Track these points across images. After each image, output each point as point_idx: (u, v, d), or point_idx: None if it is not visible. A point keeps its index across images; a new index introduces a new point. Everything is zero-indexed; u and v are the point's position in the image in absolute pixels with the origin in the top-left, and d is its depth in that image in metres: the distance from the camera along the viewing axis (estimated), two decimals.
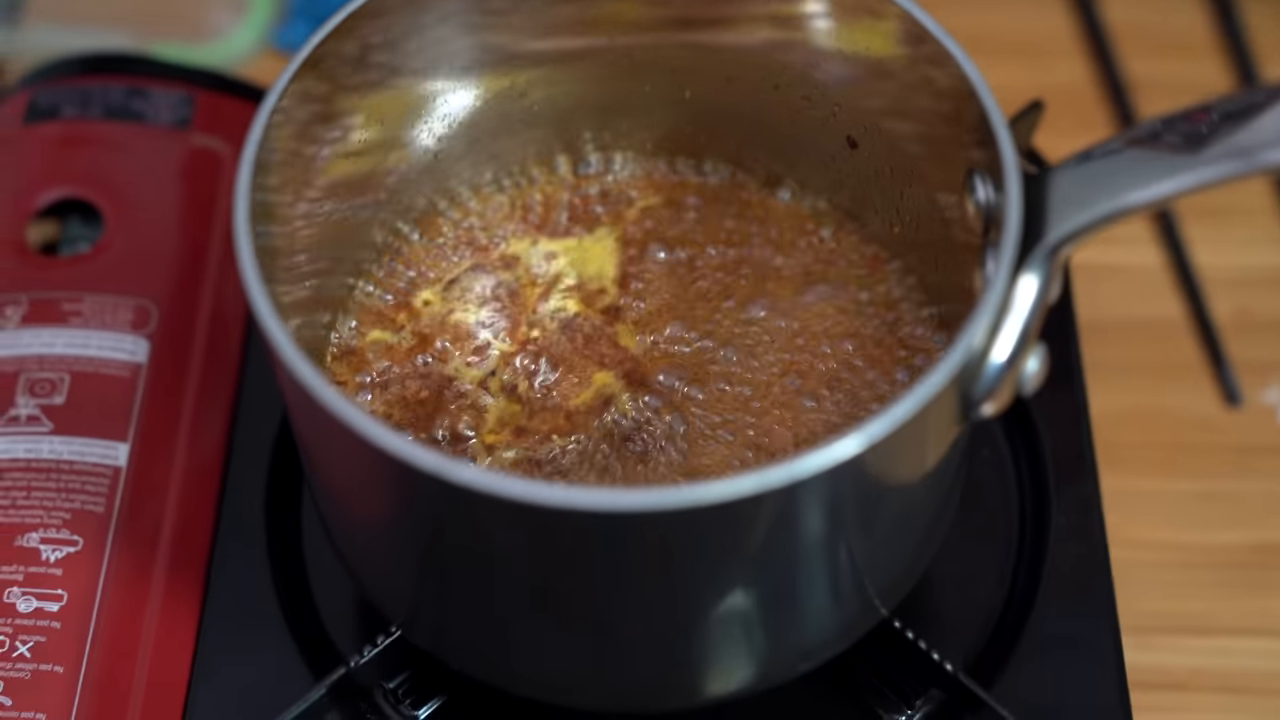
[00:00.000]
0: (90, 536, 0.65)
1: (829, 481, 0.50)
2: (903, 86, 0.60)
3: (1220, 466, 0.75)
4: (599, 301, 0.65)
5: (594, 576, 0.54)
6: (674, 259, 0.66)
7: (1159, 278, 0.80)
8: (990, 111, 0.55)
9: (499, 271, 0.66)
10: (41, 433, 0.67)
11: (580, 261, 0.66)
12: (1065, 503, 0.68)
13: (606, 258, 0.66)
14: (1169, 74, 0.87)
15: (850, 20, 0.60)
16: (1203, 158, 0.51)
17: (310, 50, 0.58)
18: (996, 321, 0.53)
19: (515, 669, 0.59)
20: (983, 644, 0.65)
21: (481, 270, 0.66)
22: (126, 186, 0.74)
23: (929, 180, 0.61)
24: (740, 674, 0.58)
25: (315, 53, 0.58)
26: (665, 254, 0.66)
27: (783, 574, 0.54)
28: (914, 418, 0.50)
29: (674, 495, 0.48)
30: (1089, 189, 0.53)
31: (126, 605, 0.64)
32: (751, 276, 0.65)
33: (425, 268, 0.66)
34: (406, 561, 0.58)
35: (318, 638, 0.65)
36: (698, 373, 0.63)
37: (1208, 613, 0.71)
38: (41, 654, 0.62)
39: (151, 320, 0.71)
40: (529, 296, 0.65)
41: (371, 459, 0.50)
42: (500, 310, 0.65)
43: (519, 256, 0.66)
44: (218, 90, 0.78)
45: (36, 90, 0.77)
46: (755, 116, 0.66)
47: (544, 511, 0.49)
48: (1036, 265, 0.53)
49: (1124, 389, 0.76)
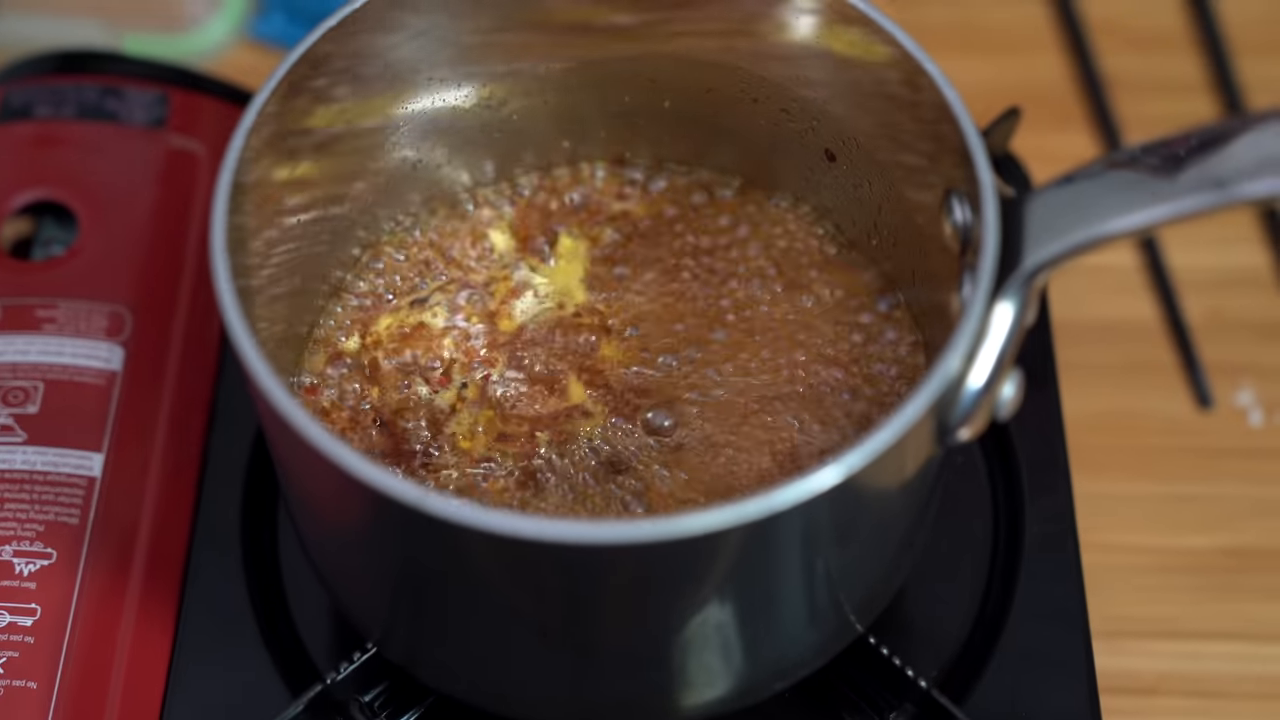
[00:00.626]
0: (64, 549, 0.65)
1: (807, 511, 0.50)
2: (881, 103, 0.60)
3: (1192, 470, 0.75)
4: (575, 314, 0.65)
5: (569, 603, 0.54)
6: (652, 271, 0.66)
7: (1132, 278, 0.80)
8: (968, 136, 0.55)
9: (475, 283, 0.66)
10: (14, 443, 0.67)
11: (557, 273, 0.66)
12: (1039, 513, 0.68)
13: (583, 269, 0.66)
14: (1146, 69, 0.87)
15: (829, 35, 0.60)
16: (1180, 187, 0.51)
17: (288, 67, 0.57)
18: (973, 348, 0.53)
19: (490, 688, 0.59)
20: (956, 656, 0.65)
21: (458, 281, 0.66)
22: (101, 188, 0.74)
23: (907, 197, 0.61)
24: (715, 693, 0.58)
25: (293, 68, 0.57)
26: (643, 266, 0.66)
27: (759, 598, 0.54)
28: (892, 446, 0.50)
29: (650, 528, 0.48)
30: (1067, 216, 0.53)
31: (101, 620, 0.64)
32: (730, 289, 0.65)
33: (401, 278, 0.66)
34: (382, 583, 0.58)
35: (294, 651, 0.65)
36: (674, 387, 0.63)
37: (1178, 616, 0.71)
38: (14, 670, 0.62)
39: (126, 327, 0.70)
40: (505, 308, 0.65)
41: (347, 487, 0.50)
42: (475, 321, 0.65)
43: (496, 267, 0.66)
44: (193, 89, 0.77)
45: (9, 89, 0.76)
46: (735, 128, 0.66)
47: (519, 543, 0.49)
48: (1013, 292, 0.53)
49: (1096, 391, 0.76)
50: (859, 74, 0.60)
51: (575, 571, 0.51)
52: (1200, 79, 0.87)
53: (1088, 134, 0.85)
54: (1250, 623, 0.71)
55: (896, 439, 0.50)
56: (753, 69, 0.63)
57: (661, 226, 0.67)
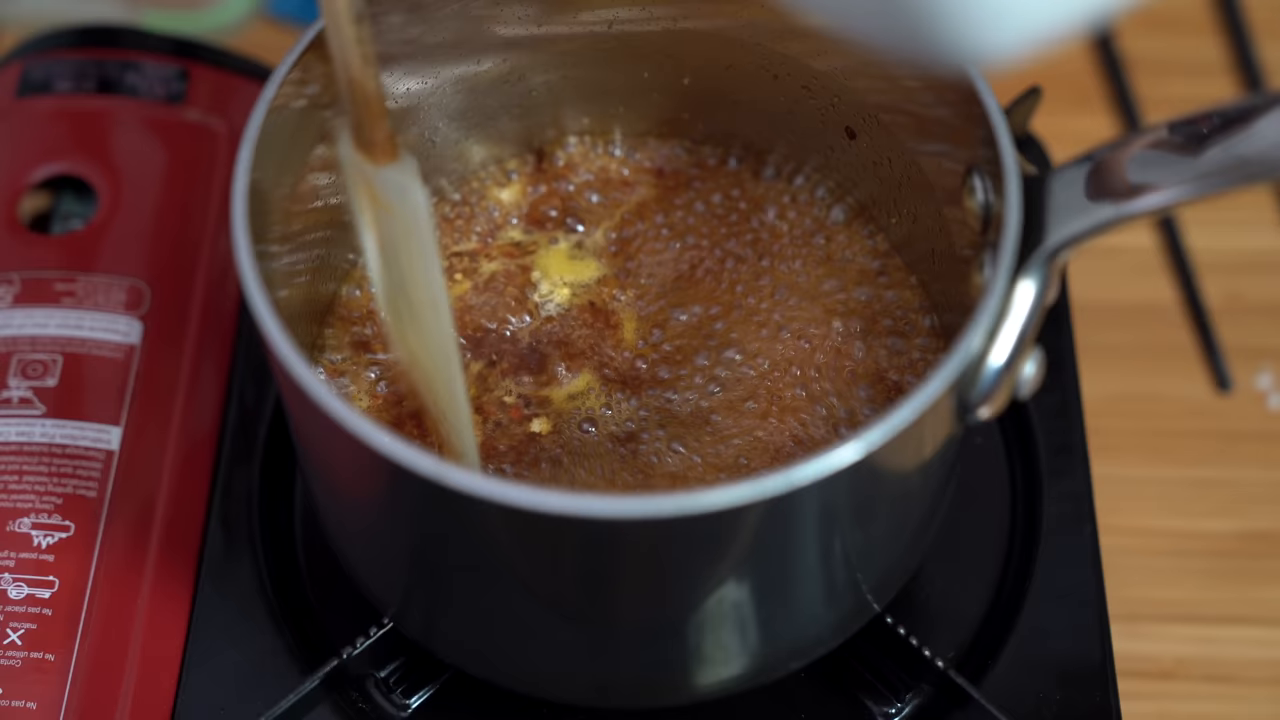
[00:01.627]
0: (82, 522, 0.65)
1: (826, 488, 0.50)
2: (903, 80, 0.60)
3: (1210, 453, 0.75)
4: (593, 291, 0.65)
5: (587, 577, 0.54)
6: (670, 247, 0.66)
7: (1151, 260, 0.80)
8: (991, 112, 0.55)
9: (497, 258, 0.66)
10: (34, 415, 0.67)
11: (574, 248, 0.66)
12: (1057, 495, 0.68)
13: (601, 243, 0.66)
14: (1166, 50, 0.87)
15: None
16: (1202, 167, 0.51)
17: (309, 39, 0.57)
18: (994, 326, 0.52)
19: (506, 663, 0.60)
20: (973, 637, 0.65)
21: (479, 256, 0.66)
22: (120, 162, 0.74)
23: (927, 175, 0.61)
24: (732, 670, 0.58)
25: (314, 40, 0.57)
26: (661, 242, 0.66)
27: (777, 575, 0.54)
28: (912, 424, 0.50)
29: (670, 503, 0.48)
30: (1090, 194, 0.53)
31: (118, 592, 0.64)
32: (748, 264, 0.65)
33: None
34: (399, 557, 0.58)
35: (309, 626, 0.65)
36: (691, 365, 0.63)
37: (1196, 600, 0.71)
38: (33, 641, 0.62)
39: (145, 301, 0.70)
40: (521, 283, 0.65)
41: (366, 460, 0.50)
42: (495, 298, 0.64)
43: (515, 244, 0.66)
44: (212, 64, 0.77)
45: (28, 63, 0.76)
46: (754, 105, 0.65)
47: (537, 516, 0.49)
48: (1035, 270, 0.53)
49: (1114, 374, 0.76)
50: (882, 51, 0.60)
51: (593, 546, 0.51)
52: (1221, 61, 0.86)
53: (1107, 115, 0.84)
54: (1268, 607, 0.71)
55: (917, 416, 0.50)
56: (773, 45, 0.63)
57: (679, 202, 0.67)
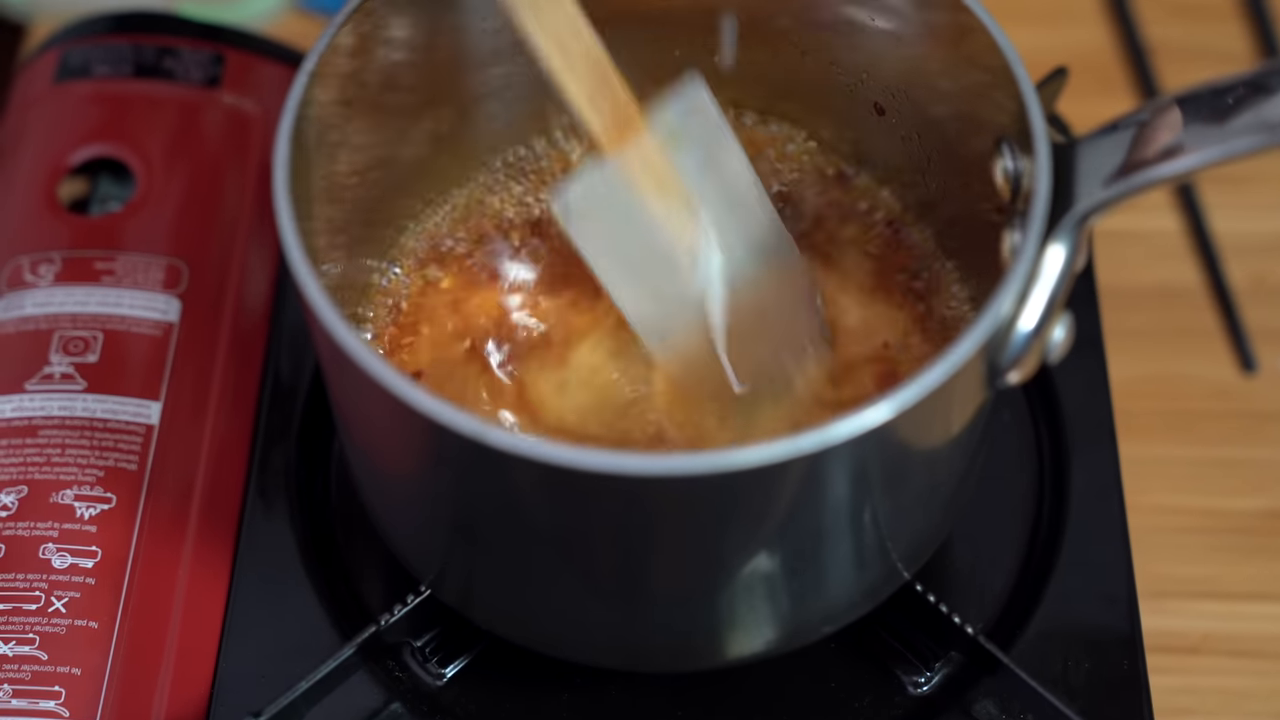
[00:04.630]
0: (123, 494, 0.66)
1: (859, 447, 0.50)
2: (932, 55, 0.60)
3: (1235, 433, 0.75)
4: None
5: (622, 538, 0.54)
6: None
7: (1176, 243, 0.80)
8: (1021, 81, 0.55)
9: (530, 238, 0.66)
10: (75, 390, 0.68)
11: None
12: (1085, 467, 0.68)
13: None
14: (1190, 37, 0.87)
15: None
16: (1229, 129, 0.52)
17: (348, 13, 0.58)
18: (1024, 290, 0.53)
19: (542, 629, 0.60)
20: (1002, 607, 0.66)
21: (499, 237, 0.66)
22: (157, 145, 0.75)
23: (956, 147, 0.61)
24: (764, 636, 0.59)
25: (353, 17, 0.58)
26: None
27: (809, 539, 0.55)
28: (943, 385, 0.51)
29: (707, 460, 0.49)
30: (1118, 159, 0.53)
31: (159, 562, 0.65)
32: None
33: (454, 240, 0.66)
34: (438, 522, 0.58)
35: (346, 595, 0.65)
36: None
37: (1221, 577, 0.71)
38: (76, 610, 0.63)
39: (183, 280, 0.71)
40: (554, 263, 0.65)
41: (406, 421, 0.51)
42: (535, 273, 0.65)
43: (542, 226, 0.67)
44: (248, 50, 0.78)
45: (66, 48, 0.77)
46: (782, 82, 0.66)
47: (574, 474, 0.49)
48: (1065, 235, 0.53)
49: (1140, 355, 0.76)
50: (910, 25, 0.61)
51: (630, 505, 0.52)
52: (1244, 48, 0.87)
53: (1131, 102, 0.85)
54: None
55: (948, 377, 0.51)
56: (802, 20, 0.63)
57: None
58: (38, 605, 0.63)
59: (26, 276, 0.71)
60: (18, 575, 0.64)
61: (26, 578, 0.64)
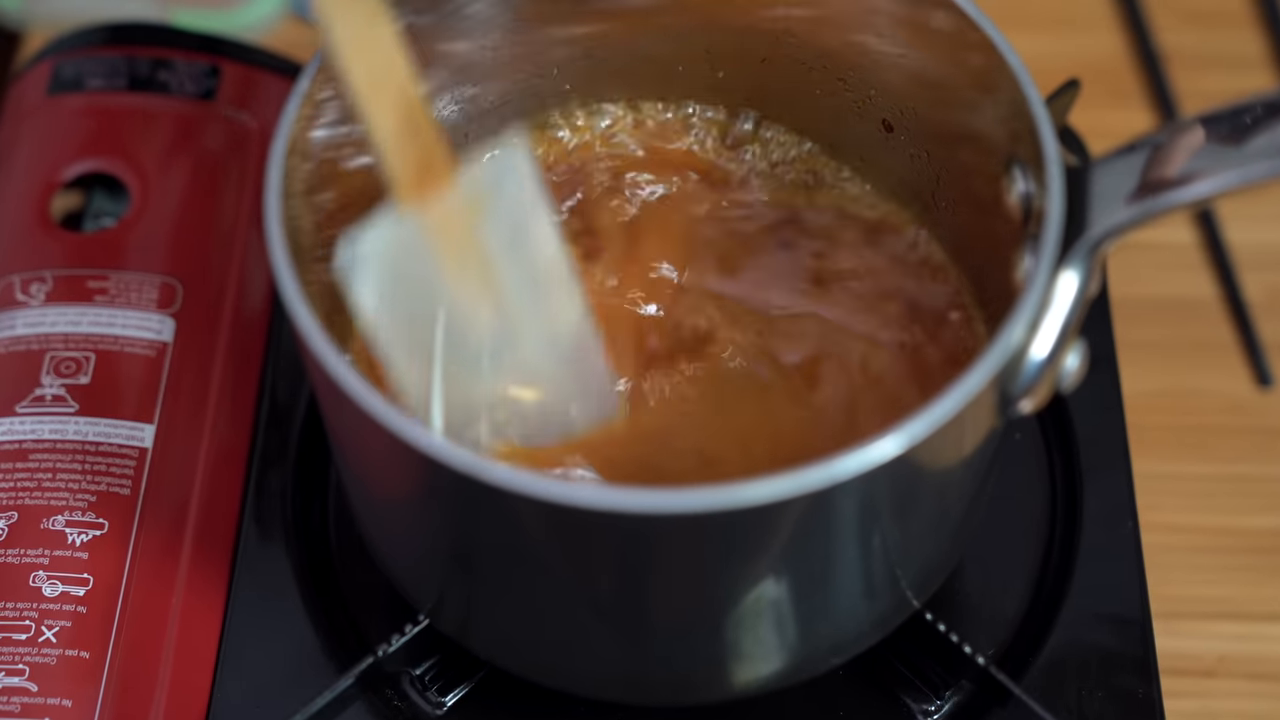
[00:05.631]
0: (116, 520, 0.65)
1: (867, 481, 0.49)
2: (941, 72, 0.59)
3: (1250, 449, 0.74)
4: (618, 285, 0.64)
5: (623, 573, 0.54)
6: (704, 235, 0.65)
7: (1191, 255, 0.80)
8: (1032, 101, 0.54)
9: None
10: (67, 413, 0.67)
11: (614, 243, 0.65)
12: (1098, 489, 0.67)
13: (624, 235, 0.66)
14: (1204, 44, 0.86)
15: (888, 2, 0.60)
16: (1248, 154, 0.50)
17: None
18: (1036, 318, 0.52)
19: (543, 660, 0.59)
20: (1014, 631, 0.65)
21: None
22: (151, 160, 0.74)
23: (966, 168, 0.61)
24: (770, 668, 0.58)
25: None
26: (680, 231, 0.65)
27: (816, 570, 0.54)
28: (953, 418, 0.50)
29: (708, 497, 0.48)
30: (1133, 184, 0.52)
31: (152, 590, 0.64)
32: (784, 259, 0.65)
33: None
34: (435, 552, 0.58)
35: (344, 624, 0.65)
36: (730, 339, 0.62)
37: (1237, 598, 0.70)
38: (67, 639, 0.62)
39: (177, 299, 0.70)
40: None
41: (402, 455, 0.50)
42: None
43: None
44: (245, 62, 0.77)
45: (59, 61, 0.77)
46: (789, 98, 0.65)
47: (572, 511, 0.48)
48: (1078, 261, 0.52)
49: (1154, 369, 0.76)
50: (919, 43, 0.59)
51: (629, 541, 0.51)
52: (1259, 54, 0.86)
53: (1145, 110, 0.84)
54: None
55: (959, 409, 0.50)
56: (808, 38, 0.62)
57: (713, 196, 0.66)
58: (28, 635, 0.62)
59: (18, 295, 0.70)
60: (7, 604, 0.63)
61: (16, 606, 0.63)
